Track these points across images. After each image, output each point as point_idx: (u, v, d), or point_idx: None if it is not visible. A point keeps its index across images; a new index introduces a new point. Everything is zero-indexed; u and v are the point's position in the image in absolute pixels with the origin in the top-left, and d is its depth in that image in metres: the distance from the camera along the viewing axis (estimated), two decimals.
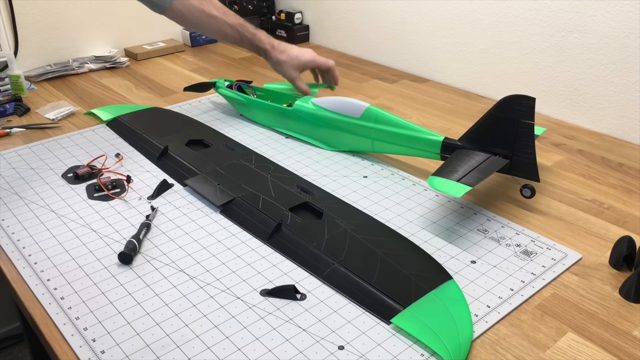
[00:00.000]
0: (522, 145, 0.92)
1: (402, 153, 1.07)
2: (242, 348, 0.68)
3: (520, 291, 0.78)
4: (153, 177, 1.05)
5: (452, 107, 1.38)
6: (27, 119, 1.30)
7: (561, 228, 0.92)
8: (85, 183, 1.03)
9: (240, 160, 1.10)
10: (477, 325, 0.72)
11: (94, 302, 0.75)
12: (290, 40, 1.87)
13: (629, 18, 1.15)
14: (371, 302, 0.75)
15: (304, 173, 1.07)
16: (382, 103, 1.41)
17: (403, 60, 1.63)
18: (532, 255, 0.85)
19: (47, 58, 1.60)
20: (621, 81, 1.20)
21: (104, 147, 1.16)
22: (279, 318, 0.73)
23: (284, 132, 1.22)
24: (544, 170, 1.09)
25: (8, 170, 1.08)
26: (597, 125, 1.26)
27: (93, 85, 1.51)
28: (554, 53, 1.29)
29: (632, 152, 1.17)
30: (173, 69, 1.65)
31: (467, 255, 0.85)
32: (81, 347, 0.68)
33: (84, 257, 0.84)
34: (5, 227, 0.91)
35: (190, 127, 1.23)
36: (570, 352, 0.69)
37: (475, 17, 1.41)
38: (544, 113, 1.34)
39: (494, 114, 0.94)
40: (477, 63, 1.45)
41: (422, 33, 1.55)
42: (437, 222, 0.93)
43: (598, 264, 0.84)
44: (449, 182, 0.89)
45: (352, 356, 0.68)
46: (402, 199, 0.99)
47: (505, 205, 0.98)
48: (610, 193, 1.02)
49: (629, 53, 1.17)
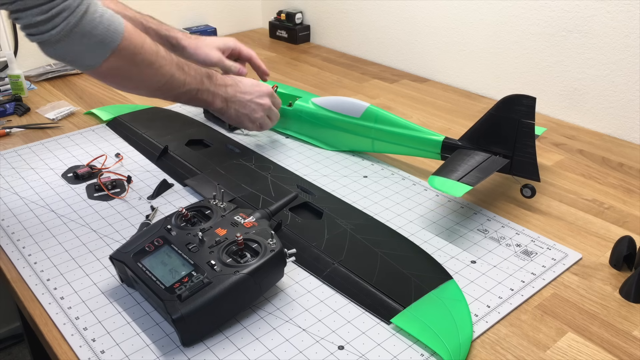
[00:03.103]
0: (522, 145, 0.92)
1: (402, 153, 1.07)
2: (242, 348, 0.68)
3: (520, 291, 0.78)
4: (153, 177, 1.05)
5: (452, 107, 1.38)
6: (27, 119, 1.30)
7: (561, 228, 0.92)
8: (85, 183, 1.03)
9: (240, 160, 1.10)
10: (477, 325, 0.72)
11: (93, 302, 0.75)
12: (291, 41, 1.88)
13: (629, 18, 1.15)
14: (371, 302, 0.75)
15: (304, 173, 1.07)
16: (382, 103, 1.40)
17: (403, 60, 1.63)
18: (532, 255, 0.85)
19: (47, 58, 1.59)
20: (621, 81, 1.20)
21: (104, 147, 1.16)
22: (279, 318, 0.73)
23: (284, 132, 1.22)
24: (544, 170, 1.09)
25: (8, 170, 1.08)
26: (597, 125, 1.26)
27: (93, 85, 1.51)
28: (554, 53, 1.29)
29: (633, 152, 1.17)
30: None
31: (467, 255, 0.85)
32: (81, 347, 0.68)
33: (84, 257, 0.84)
34: (5, 227, 0.91)
35: (190, 127, 1.23)
36: (571, 352, 0.69)
37: (475, 17, 1.41)
38: (544, 113, 1.34)
39: (495, 114, 0.94)
40: (477, 63, 1.45)
41: (422, 33, 1.55)
42: (437, 222, 0.92)
43: (598, 264, 0.84)
44: (450, 182, 0.89)
45: (352, 356, 0.68)
46: (402, 199, 0.99)
47: (506, 205, 0.98)
48: (610, 193, 1.02)
49: (629, 53, 1.17)
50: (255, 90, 1.02)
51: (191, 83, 0.92)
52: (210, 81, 0.96)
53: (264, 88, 1.04)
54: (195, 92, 0.94)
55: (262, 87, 1.03)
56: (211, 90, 0.96)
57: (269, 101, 1.04)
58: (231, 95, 0.99)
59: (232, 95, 0.99)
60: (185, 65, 0.92)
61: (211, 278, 0.69)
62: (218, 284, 0.69)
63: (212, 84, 0.96)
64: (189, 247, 0.74)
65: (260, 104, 1.02)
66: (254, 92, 1.02)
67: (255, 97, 1.02)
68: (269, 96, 1.04)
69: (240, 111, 1.01)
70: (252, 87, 1.02)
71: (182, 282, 0.69)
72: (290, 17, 1.86)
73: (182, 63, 0.91)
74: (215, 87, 0.97)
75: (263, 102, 1.03)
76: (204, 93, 0.95)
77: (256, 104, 1.02)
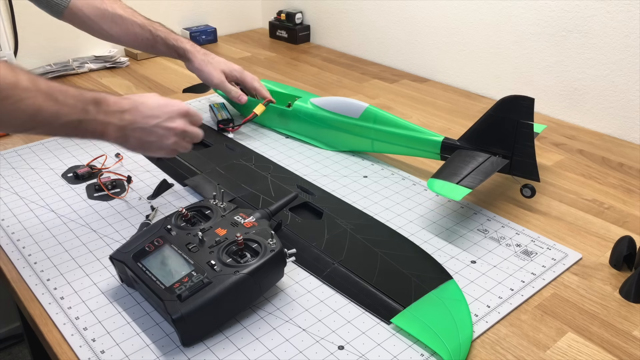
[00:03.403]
0: (522, 145, 0.92)
1: (402, 153, 1.07)
2: (242, 348, 0.68)
3: (520, 291, 0.78)
4: (153, 177, 1.05)
5: (452, 107, 1.38)
6: None
7: (561, 228, 0.92)
8: (85, 183, 1.03)
9: (240, 160, 1.10)
10: (477, 325, 0.72)
11: (93, 302, 0.75)
12: (291, 41, 1.88)
13: (629, 18, 1.15)
14: (371, 302, 0.75)
15: (304, 173, 1.07)
16: (382, 103, 1.40)
17: (403, 60, 1.63)
18: (532, 255, 0.85)
19: (47, 58, 1.60)
20: (621, 81, 1.20)
21: (104, 147, 1.16)
22: (279, 318, 0.73)
23: (284, 132, 1.22)
24: (544, 170, 1.09)
25: (8, 170, 1.08)
26: (597, 125, 1.26)
27: (93, 85, 1.51)
28: (554, 53, 1.29)
29: (633, 152, 1.17)
30: (173, 68, 1.64)
31: (467, 255, 0.85)
32: (81, 347, 0.68)
33: (84, 257, 0.84)
34: (5, 227, 0.91)
35: None
36: (571, 352, 0.69)
37: (475, 17, 1.41)
38: (544, 113, 1.34)
39: (494, 114, 0.94)
40: (477, 63, 1.45)
41: (422, 33, 1.55)
42: (437, 222, 0.92)
43: (598, 264, 0.84)
44: (449, 185, 0.89)
45: (352, 356, 0.68)
46: (402, 199, 0.99)
47: (505, 205, 0.98)
48: (610, 193, 1.02)
49: (629, 53, 1.17)
50: (162, 112, 0.84)
51: (69, 114, 0.75)
52: (99, 108, 0.78)
53: (174, 107, 0.86)
54: (76, 124, 0.76)
55: (172, 107, 0.86)
56: (99, 120, 0.78)
57: (182, 123, 0.86)
58: (129, 122, 0.81)
59: (131, 121, 0.81)
60: (60, 93, 0.74)
61: (211, 278, 0.69)
62: (218, 284, 0.69)
63: (100, 111, 0.78)
64: (189, 247, 0.74)
65: (169, 128, 0.84)
66: (161, 114, 0.84)
67: (164, 121, 0.84)
68: (181, 116, 0.86)
69: (145, 139, 0.83)
70: (158, 108, 0.84)
71: (182, 282, 0.69)
72: (290, 17, 1.86)
73: (54, 91, 0.74)
74: (105, 116, 0.79)
75: (174, 126, 0.85)
76: (90, 124, 0.77)
77: (164, 128, 0.84)
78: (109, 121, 0.79)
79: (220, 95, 1.33)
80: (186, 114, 0.86)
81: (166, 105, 0.85)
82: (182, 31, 1.85)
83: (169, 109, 0.85)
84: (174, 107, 0.85)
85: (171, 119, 0.85)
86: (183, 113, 0.86)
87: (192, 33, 1.83)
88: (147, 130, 0.83)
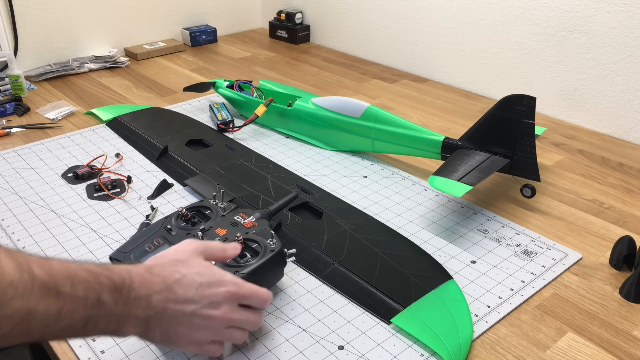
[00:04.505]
0: (522, 144, 0.92)
1: (402, 153, 1.07)
2: (242, 348, 0.68)
3: (520, 291, 0.78)
4: (153, 177, 1.05)
5: (452, 107, 1.38)
6: (27, 119, 1.30)
7: (561, 228, 0.92)
8: (85, 183, 1.03)
9: (240, 160, 1.10)
10: (477, 325, 0.72)
11: None
12: (291, 41, 1.88)
13: (629, 18, 1.15)
14: (371, 302, 0.75)
15: (304, 173, 1.07)
16: (382, 103, 1.40)
17: (403, 60, 1.63)
18: (532, 255, 0.85)
19: (47, 58, 1.60)
20: (621, 81, 1.20)
21: (104, 147, 1.16)
22: (279, 318, 0.73)
23: (284, 132, 1.22)
24: (544, 170, 1.09)
25: (8, 170, 1.08)
26: (597, 125, 1.26)
27: (93, 85, 1.51)
28: (554, 53, 1.29)
29: (633, 152, 1.17)
30: (173, 68, 1.65)
31: (467, 255, 0.85)
32: (81, 347, 0.68)
33: (84, 257, 0.84)
34: (5, 227, 0.91)
35: (190, 127, 1.23)
36: (570, 352, 0.69)
37: (475, 17, 1.41)
38: (544, 113, 1.34)
39: (495, 114, 0.94)
40: (477, 63, 1.45)
41: (422, 33, 1.55)
42: (437, 222, 0.92)
43: (598, 264, 0.84)
44: (450, 182, 0.89)
45: (352, 356, 0.68)
46: (402, 199, 0.99)
47: (506, 205, 0.98)
48: (610, 193, 1.02)
49: (629, 53, 1.17)
50: (203, 295, 0.59)
51: (75, 311, 0.52)
52: (118, 296, 0.55)
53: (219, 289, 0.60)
54: (83, 323, 0.53)
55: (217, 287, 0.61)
56: (116, 314, 0.55)
57: (227, 310, 0.61)
58: (157, 310, 0.57)
59: (160, 310, 0.58)
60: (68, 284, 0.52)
61: None
62: None
63: (119, 301, 0.55)
64: None
65: (208, 317, 0.60)
66: (203, 296, 0.59)
67: (202, 307, 0.59)
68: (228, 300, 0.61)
69: (172, 330, 0.59)
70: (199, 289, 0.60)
71: None
72: (290, 17, 1.86)
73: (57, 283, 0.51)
74: (125, 307, 0.55)
75: (216, 314, 0.60)
76: (101, 320, 0.54)
77: (202, 317, 0.59)
78: (130, 313, 0.56)
79: (221, 95, 1.33)
80: (235, 296, 0.61)
81: (209, 284, 0.60)
82: (182, 31, 1.85)
83: (212, 290, 0.60)
84: (220, 289, 0.60)
85: (213, 304, 0.60)
86: (230, 296, 0.61)
87: (192, 33, 1.83)
88: (179, 319, 0.59)
